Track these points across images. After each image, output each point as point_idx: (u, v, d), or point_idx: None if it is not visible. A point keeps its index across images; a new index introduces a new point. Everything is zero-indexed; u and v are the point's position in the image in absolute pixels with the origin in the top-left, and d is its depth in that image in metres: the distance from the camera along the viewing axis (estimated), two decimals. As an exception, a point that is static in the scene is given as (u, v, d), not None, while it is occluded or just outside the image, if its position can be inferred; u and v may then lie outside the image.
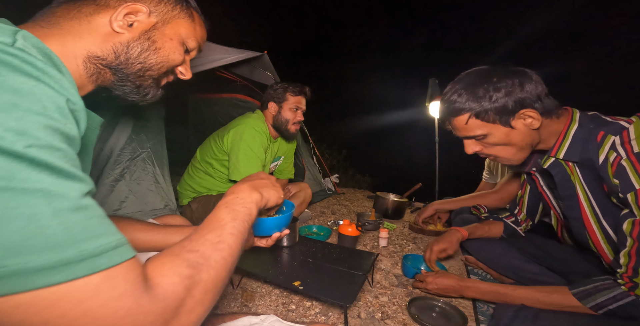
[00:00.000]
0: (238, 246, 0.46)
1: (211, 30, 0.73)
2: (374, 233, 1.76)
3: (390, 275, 1.25)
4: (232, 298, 1.03)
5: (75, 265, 0.28)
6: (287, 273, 1.00)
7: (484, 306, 1.03)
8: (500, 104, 0.80)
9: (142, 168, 1.26)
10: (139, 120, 1.26)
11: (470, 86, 0.84)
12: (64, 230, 0.28)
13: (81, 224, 0.30)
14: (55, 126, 0.31)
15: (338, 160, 6.07)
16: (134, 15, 0.54)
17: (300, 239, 1.28)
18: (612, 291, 0.72)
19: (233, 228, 0.47)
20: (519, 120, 0.82)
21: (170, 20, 0.59)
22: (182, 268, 0.38)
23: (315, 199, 2.39)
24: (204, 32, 0.69)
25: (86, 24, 0.51)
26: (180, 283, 0.36)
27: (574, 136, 0.83)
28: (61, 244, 0.28)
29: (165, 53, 0.60)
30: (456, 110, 0.86)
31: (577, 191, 0.88)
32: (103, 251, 0.31)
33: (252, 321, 0.56)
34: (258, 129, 1.56)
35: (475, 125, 0.85)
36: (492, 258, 1.22)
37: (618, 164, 0.73)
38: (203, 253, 0.41)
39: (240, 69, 2.00)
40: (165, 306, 0.33)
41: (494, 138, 0.86)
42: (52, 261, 0.27)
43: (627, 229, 0.73)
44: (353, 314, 0.97)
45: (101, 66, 0.54)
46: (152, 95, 0.65)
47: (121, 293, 0.30)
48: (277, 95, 1.64)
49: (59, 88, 0.34)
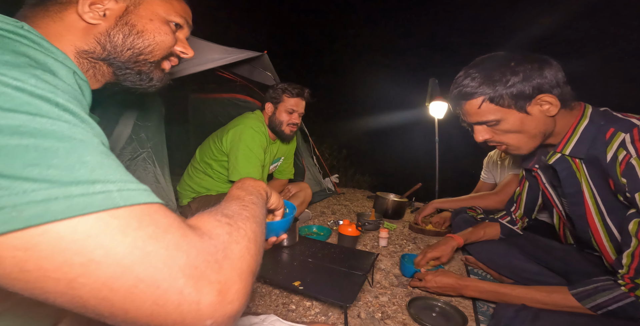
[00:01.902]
0: (261, 217, 0.45)
1: (211, 31, 0.72)
2: (374, 233, 1.76)
3: (390, 275, 1.25)
4: (232, 298, 1.03)
5: (113, 194, 0.27)
6: (287, 273, 1.00)
7: (484, 306, 1.03)
8: (517, 88, 0.77)
9: (143, 168, 1.26)
10: (139, 120, 1.26)
11: (485, 70, 0.81)
12: (99, 164, 0.28)
13: (111, 165, 0.29)
14: (66, 88, 0.33)
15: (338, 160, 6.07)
16: (101, 4, 0.54)
17: (300, 239, 1.28)
18: (612, 292, 0.72)
19: (251, 200, 0.47)
20: (536, 106, 0.79)
21: (141, 1, 0.58)
22: (219, 216, 0.37)
23: (315, 199, 2.39)
24: (184, 5, 0.66)
25: (60, 22, 0.51)
26: (221, 228, 0.34)
27: (583, 132, 0.81)
28: (95, 175, 0.27)
29: (150, 35, 0.59)
30: (469, 94, 0.82)
31: (582, 188, 0.86)
32: (137, 189, 0.29)
33: (252, 321, 0.57)
34: (257, 129, 1.56)
35: (489, 110, 0.82)
36: (492, 258, 1.22)
37: (627, 162, 0.71)
38: (234, 211, 0.41)
39: (240, 69, 1.99)
40: (214, 245, 0.31)
41: (507, 124, 0.82)
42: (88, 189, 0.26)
43: (633, 230, 0.72)
44: (353, 314, 0.97)
45: (93, 60, 0.55)
46: (157, 79, 0.64)
47: (166, 226, 0.29)
48: (274, 96, 1.63)
49: (67, 63, 0.39)
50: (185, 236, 0.29)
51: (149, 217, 0.28)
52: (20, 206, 0.23)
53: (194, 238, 0.30)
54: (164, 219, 0.29)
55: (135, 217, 0.27)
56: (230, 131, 1.55)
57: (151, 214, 0.29)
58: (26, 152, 0.24)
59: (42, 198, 0.24)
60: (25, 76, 0.28)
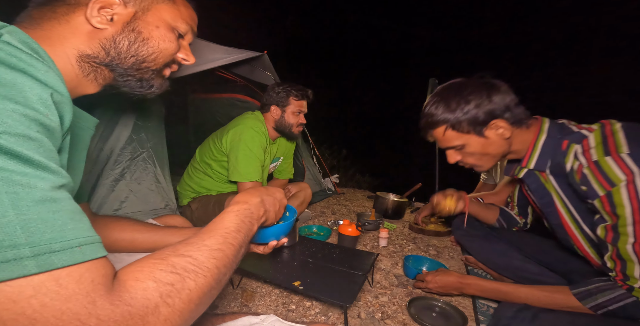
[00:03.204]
0: (234, 258, 0.45)
1: (211, 30, 0.72)
2: (374, 233, 1.76)
3: (390, 275, 1.25)
4: (232, 298, 1.03)
5: (25, 261, 0.26)
6: (287, 273, 1.00)
7: (484, 306, 1.03)
8: (471, 115, 0.86)
9: (143, 168, 1.26)
10: (139, 120, 1.26)
11: (444, 99, 0.90)
12: (21, 223, 0.27)
13: (43, 218, 0.28)
14: (34, 116, 0.31)
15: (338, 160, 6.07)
16: (110, 9, 0.53)
17: (300, 239, 1.28)
18: (613, 292, 0.72)
19: (235, 239, 0.47)
20: (491, 130, 0.88)
21: (149, 8, 0.57)
22: (163, 273, 0.35)
23: (315, 199, 2.39)
24: (191, 12, 0.65)
25: (65, 24, 0.50)
26: (155, 290, 0.33)
27: (543, 146, 0.88)
28: (13, 238, 0.26)
29: (155, 43, 0.58)
30: (433, 122, 0.92)
31: (553, 199, 0.91)
32: (62, 249, 0.29)
33: (252, 321, 0.56)
34: (257, 129, 1.56)
35: (452, 136, 0.92)
36: (492, 258, 1.22)
37: (581, 172, 0.76)
38: (196, 259, 0.39)
39: (240, 69, 1.99)
40: (129, 312, 0.30)
41: (471, 148, 0.92)
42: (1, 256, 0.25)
43: (602, 235, 0.75)
44: (353, 314, 0.97)
45: (95, 64, 0.54)
46: (157, 87, 0.64)
47: (70, 295, 0.28)
48: (280, 99, 1.63)
49: (45, 80, 0.34)
50: (91, 304, 0.29)
51: (54, 283, 0.28)
52: None
53: (102, 306, 0.29)
54: (72, 285, 0.29)
55: (39, 284, 0.27)
56: (230, 131, 1.55)
57: (62, 278, 0.28)
58: None
59: None
60: None
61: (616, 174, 0.69)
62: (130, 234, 0.70)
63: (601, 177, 0.71)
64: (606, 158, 0.72)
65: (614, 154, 0.71)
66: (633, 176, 0.67)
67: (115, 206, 1.17)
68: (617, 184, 0.68)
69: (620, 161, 0.70)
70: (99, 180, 1.14)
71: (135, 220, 0.75)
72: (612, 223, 0.72)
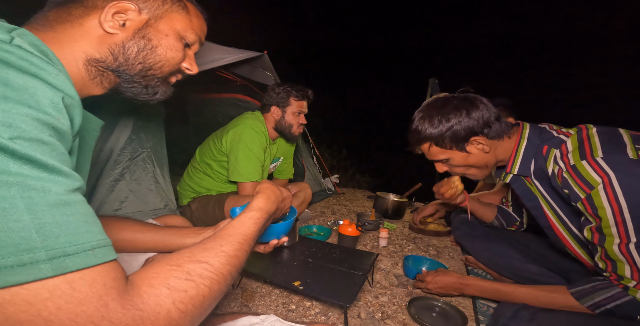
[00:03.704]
0: (244, 262, 0.47)
1: (211, 31, 0.72)
2: (374, 233, 1.76)
3: (390, 275, 1.25)
4: (232, 298, 1.03)
5: (41, 264, 0.27)
6: (287, 273, 1.00)
7: (484, 306, 1.03)
8: (451, 132, 0.90)
9: (142, 168, 1.26)
10: (139, 120, 1.26)
11: (428, 116, 0.94)
12: (36, 226, 0.27)
13: (57, 221, 0.29)
14: (46, 120, 0.31)
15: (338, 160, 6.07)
16: (124, 14, 0.52)
17: (300, 239, 1.28)
18: (609, 291, 0.73)
19: (249, 246, 0.48)
20: (472, 145, 0.92)
21: (162, 16, 0.57)
22: (178, 280, 0.35)
23: (315, 199, 2.39)
24: (202, 23, 0.65)
25: (78, 27, 0.50)
26: (168, 296, 0.34)
27: (524, 152, 0.90)
28: (29, 242, 0.27)
29: (163, 51, 0.58)
30: (419, 139, 0.98)
31: (540, 203, 0.93)
32: (76, 252, 0.29)
33: (252, 321, 0.56)
34: (257, 129, 1.56)
35: (437, 151, 0.97)
36: (492, 258, 1.22)
37: (561, 176, 0.78)
38: (212, 266, 0.39)
39: (240, 69, 1.99)
40: (140, 316, 0.31)
41: (455, 161, 0.97)
42: (14, 260, 0.26)
43: (589, 237, 0.76)
44: (353, 314, 0.97)
45: (102, 69, 0.53)
46: (161, 93, 0.64)
47: (83, 298, 0.28)
48: (280, 99, 1.63)
49: (56, 84, 0.34)
50: (104, 307, 0.29)
51: (68, 286, 0.28)
52: None
53: (115, 309, 0.29)
54: (85, 289, 0.29)
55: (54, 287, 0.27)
56: (230, 131, 1.55)
57: (75, 281, 0.29)
58: None
59: None
60: None
61: (593, 177, 0.71)
62: (131, 234, 0.70)
63: (579, 180, 0.73)
64: (582, 162, 0.73)
65: (589, 158, 0.73)
66: (609, 179, 0.68)
67: (115, 206, 1.17)
68: (595, 187, 0.70)
69: (595, 164, 0.71)
70: (99, 180, 1.14)
71: (135, 220, 0.75)
72: (596, 225, 0.73)
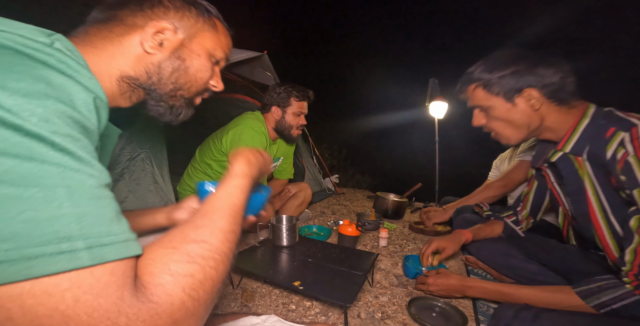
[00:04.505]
0: (240, 238, 0.44)
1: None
2: (374, 233, 1.76)
3: (390, 275, 1.25)
4: (232, 298, 1.02)
5: (79, 253, 0.27)
6: (287, 273, 0.99)
7: (484, 306, 1.03)
8: (507, 79, 0.85)
9: (141, 168, 1.26)
10: (138, 120, 1.26)
11: (490, 62, 0.89)
12: (75, 215, 0.27)
13: (94, 212, 0.29)
14: (78, 118, 0.32)
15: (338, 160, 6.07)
16: (162, 34, 0.53)
17: (300, 239, 1.28)
18: (616, 291, 0.72)
19: (241, 217, 0.44)
20: (523, 99, 0.86)
21: (195, 35, 0.57)
22: (179, 264, 0.33)
23: (315, 199, 2.39)
24: (229, 40, 0.65)
25: (118, 45, 0.51)
26: (176, 283, 0.32)
27: (584, 131, 0.84)
28: (67, 230, 0.27)
29: (194, 72, 0.58)
30: (468, 79, 0.93)
31: (585, 186, 0.88)
32: (111, 242, 0.29)
33: (253, 321, 0.56)
34: (257, 129, 1.56)
35: (481, 95, 0.91)
36: (492, 258, 1.22)
37: (625, 160, 0.74)
38: (211, 245, 0.37)
39: (240, 69, 1.99)
40: (155, 310, 0.29)
41: (495, 111, 0.91)
42: (53, 248, 0.26)
43: (635, 226, 0.73)
44: (353, 314, 0.97)
45: (134, 86, 0.54)
46: (184, 115, 0.64)
47: (101, 288, 0.27)
48: (281, 99, 1.62)
49: (89, 86, 0.37)
50: (120, 300, 0.28)
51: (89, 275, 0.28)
52: None
53: (130, 303, 0.28)
54: (106, 278, 0.28)
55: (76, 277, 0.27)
56: (230, 131, 1.55)
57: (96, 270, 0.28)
58: (5, 204, 0.25)
59: (3, 259, 0.24)
60: (32, 108, 0.28)
61: None
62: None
63: None
64: None
65: None
66: None
67: (115, 206, 1.17)
68: None
69: None
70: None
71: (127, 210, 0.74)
72: None
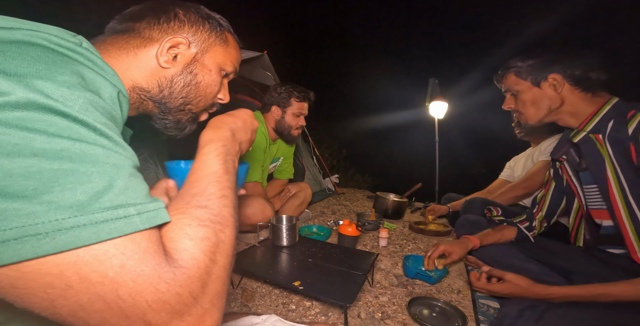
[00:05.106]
0: (236, 202, 0.43)
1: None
2: (374, 233, 1.76)
3: (390, 275, 1.25)
4: (232, 298, 1.03)
5: (133, 218, 0.29)
6: (287, 273, 1.00)
7: (484, 306, 1.03)
8: (535, 67, 0.96)
9: (144, 168, 1.26)
10: (139, 120, 1.26)
11: (526, 53, 0.99)
12: (122, 187, 0.30)
13: (135, 187, 0.31)
14: (106, 108, 0.36)
15: (338, 160, 6.07)
16: (177, 48, 0.54)
17: (300, 239, 1.28)
18: None
19: (229, 181, 0.43)
20: (547, 83, 0.95)
21: (208, 49, 0.57)
22: (193, 228, 0.34)
23: (315, 199, 2.39)
24: (239, 54, 0.66)
25: (133, 56, 0.51)
26: (196, 247, 0.32)
27: (605, 114, 0.90)
28: (116, 200, 0.29)
29: (204, 87, 0.59)
30: (504, 67, 1.04)
31: (605, 166, 0.91)
32: (154, 209, 0.32)
33: (253, 321, 0.57)
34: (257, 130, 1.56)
35: (512, 81, 1.02)
36: (493, 258, 1.22)
37: None
38: (213, 209, 0.37)
39: (240, 69, 1.99)
40: (187, 274, 0.30)
41: (523, 94, 1.00)
42: (110, 214, 0.28)
43: None
44: (353, 314, 0.97)
45: (144, 97, 0.54)
46: (189, 130, 0.64)
47: (142, 255, 0.28)
48: (282, 99, 1.63)
49: (114, 82, 0.41)
50: (158, 266, 0.28)
51: (130, 241, 0.28)
52: (52, 233, 0.25)
53: (166, 269, 0.29)
54: (145, 243, 0.29)
55: (120, 243, 0.28)
56: (230, 131, 1.55)
57: (147, 239, 0.30)
58: (65, 177, 0.27)
59: (72, 225, 0.26)
60: (75, 98, 0.31)
61: None
62: None
63: None
64: None
65: None
66: None
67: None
68: None
69: None
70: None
71: None
72: None
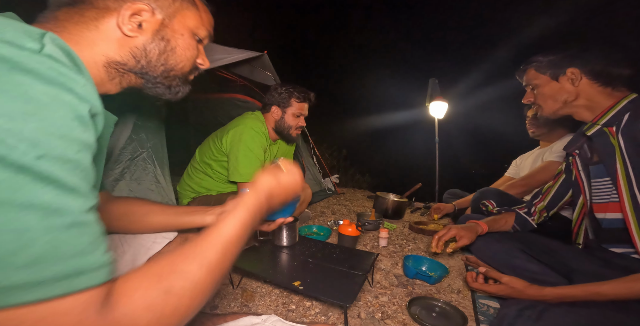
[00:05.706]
0: (230, 268, 0.44)
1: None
2: (374, 233, 1.76)
3: (390, 275, 1.25)
4: (232, 298, 1.03)
5: (51, 284, 0.28)
6: (287, 273, 1.00)
7: (484, 306, 1.03)
8: (554, 62, 0.99)
9: (143, 168, 1.26)
10: (139, 120, 1.26)
11: (548, 50, 1.03)
12: (51, 248, 0.28)
13: (71, 242, 0.29)
14: (72, 135, 0.31)
15: (338, 160, 6.07)
16: (139, 15, 0.52)
17: (300, 239, 1.28)
18: None
19: (237, 248, 0.44)
20: (565, 77, 0.98)
21: (175, 14, 0.57)
22: (157, 292, 0.34)
23: (315, 199, 2.39)
24: (211, 17, 0.65)
25: (94, 29, 0.49)
26: (147, 310, 0.33)
27: (621, 108, 0.92)
28: (43, 263, 0.27)
29: (182, 51, 0.59)
30: (526, 63, 1.08)
31: (616, 160, 0.92)
32: (90, 269, 0.30)
33: (253, 321, 0.57)
34: (257, 129, 1.56)
35: (532, 75, 1.06)
36: (493, 257, 1.22)
37: None
38: (194, 276, 0.37)
39: (240, 69, 2.00)
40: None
41: (542, 89, 1.04)
42: (28, 280, 0.26)
43: None
44: (353, 314, 0.97)
45: (123, 70, 0.53)
46: (182, 92, 0.65)
47: (68, 310, 0.28)
48: (282, 99, 1.63)
49: (84, 94, 0.33)
50: (86, 319, 0.29)
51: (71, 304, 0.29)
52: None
53: (96, 321, 0.29)
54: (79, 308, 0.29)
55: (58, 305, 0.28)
56: (230, 131, 1.55)
57: (67, 301, 0.29)
58: None
59: None
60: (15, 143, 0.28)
61: None
62: (147, 216, 0.73)
63: None
64: None
65: None
66: None
67: (115, 206, 1.17)
68: None
69: None
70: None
71: (151, 201, 0.77)
72: None
